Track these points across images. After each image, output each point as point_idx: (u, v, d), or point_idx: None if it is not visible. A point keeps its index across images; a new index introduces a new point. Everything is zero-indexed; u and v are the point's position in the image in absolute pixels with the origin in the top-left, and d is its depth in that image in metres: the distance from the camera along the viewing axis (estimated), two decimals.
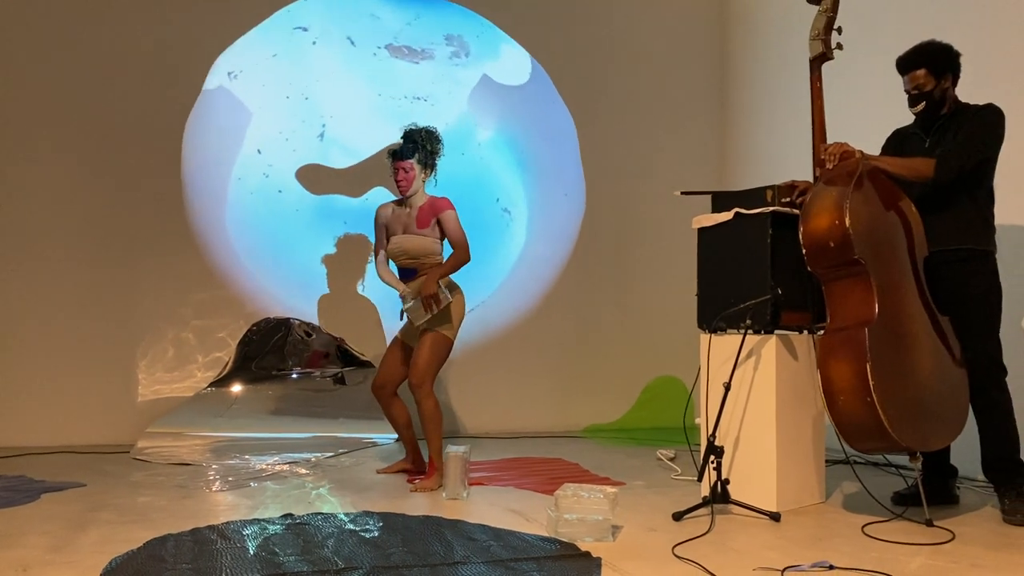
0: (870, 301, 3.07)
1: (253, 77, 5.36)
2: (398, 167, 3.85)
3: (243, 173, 5.32)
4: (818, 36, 3.46)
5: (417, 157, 3.84)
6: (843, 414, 3.02)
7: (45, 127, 5.02)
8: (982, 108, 3.25)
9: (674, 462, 4.40)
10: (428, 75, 5.67)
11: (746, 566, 2.50)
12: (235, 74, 5.32)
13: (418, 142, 3.85)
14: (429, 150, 3.87)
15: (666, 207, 5.73)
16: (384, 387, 3.96)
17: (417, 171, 3.85)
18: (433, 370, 3.78)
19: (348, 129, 5.51)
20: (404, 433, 4.04)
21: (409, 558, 2.53)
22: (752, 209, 3.39)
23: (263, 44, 5.39)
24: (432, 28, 5.70)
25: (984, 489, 3.63)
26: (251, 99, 5.36)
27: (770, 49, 5.84)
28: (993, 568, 2.52)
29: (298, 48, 5.45)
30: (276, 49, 5.40)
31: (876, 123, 3.86)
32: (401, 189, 3.87)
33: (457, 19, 5.77)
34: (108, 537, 2.79)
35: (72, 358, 4.99)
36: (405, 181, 3.85)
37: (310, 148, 5.46)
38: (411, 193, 3.88)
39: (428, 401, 3.75)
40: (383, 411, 4.06)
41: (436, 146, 3.91)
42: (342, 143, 5.51)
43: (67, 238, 5.03)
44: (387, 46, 5.59)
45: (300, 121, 5.43)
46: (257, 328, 5.22)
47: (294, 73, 5.43)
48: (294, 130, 5.42)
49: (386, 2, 5.64)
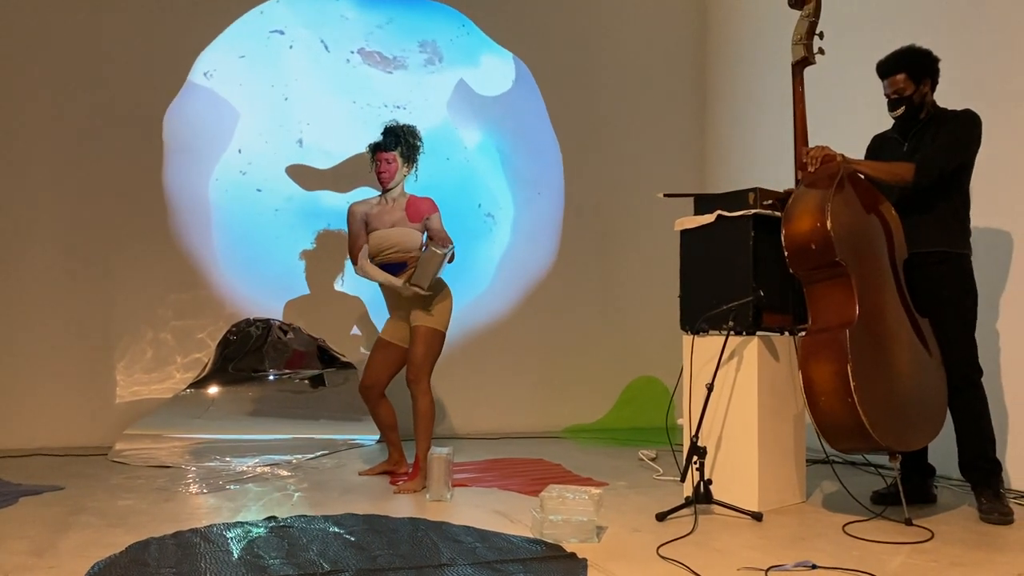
0: (851, 303, 3.10)
1: (232, 77, 5.32)
2: (380, 159, 3.85)
3: (222, 174, 5.28)
4: (800, 41, 3.50)
5: (399, 150, 3.85)
6: (824, 414, 3.05)
7: (22, 128, 4.94)
8: (960, 113, 3.30)
9: (655, 462, 4.42)
10: (405, 82, 5.65)
11: (730, 566, 2.52)
12: (211, 74, 5.27)
13: (400, 135, 3.85)
14: (410, 143, 3.88)
15: (648, 209, 5.78)
16: (372, 388, 3.93)
17: (399, 163, 3.85)
18: (429, 364, 3.77)
19: (325, 133, 5.49)
20: (389, 435, 4.03)
21: (395, 560, 2.53)
22: (734, 211, 3.42)
23: (238, 45, 5.35)
24: (406, 34, 5.68)
25: (961, 488, 3.69)
26: (231, 100, 5.32)
27: (750, 53, 5.88)
28: (972, 566, 2.56)
29: (274, 50, 5.42)
30: (247, 50, 5.35)
31: (857, 127, 3.92)
32: (383, 181, 3.86)
33: (430, 24, 5.74)
34: (89, 541, 2.76)
35: (49, 359, 4.93)
36: (387, 173, 3.84)
37: (290, 149, 5.43)
38: (392, 185, 3.87)
39: (425, 398, 3.74)
40: (370, 412, 4.04)
41: (416, 141, 3.91)
42: (320, 145, 5.49)
43: (44, 238, 4.96)
44: (359, 50, 5.55)
45: (278, 124, 5.40)
46: (237, 329, 5.18)
47: (275, 74, 5.39)
48: (272, 132, 5.38)
49: (358, 5, 5.62)
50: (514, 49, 5.92)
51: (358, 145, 5.40)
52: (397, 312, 3.93)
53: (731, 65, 6.11)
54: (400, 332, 3.87)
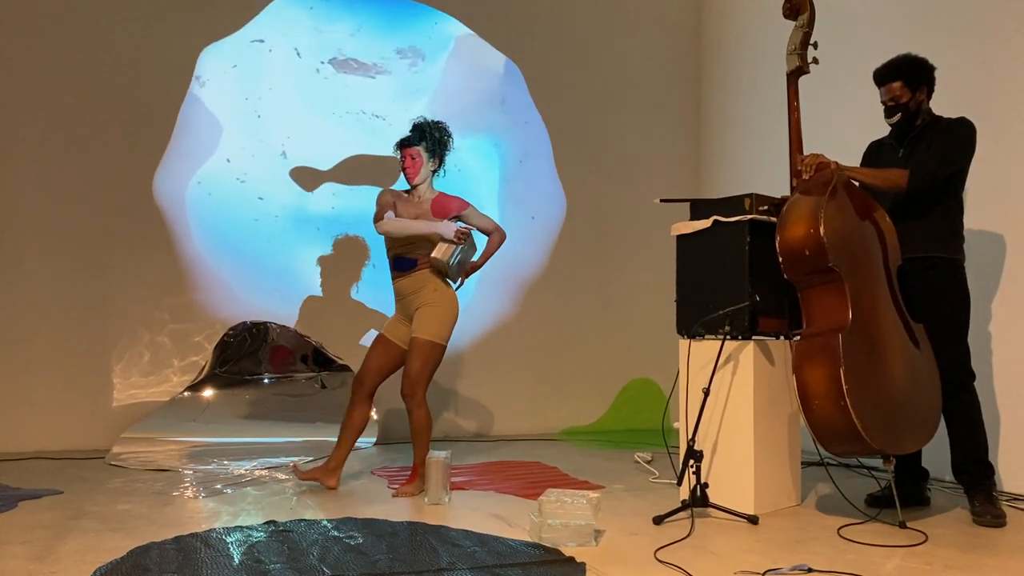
0: (844, 308, 3.13)
1: (227, 84, 5.33)
2: (405, 154, 3.78)
3: (219, 179, 5.29)
4: (795, 51, 3.53)
5: (424, 145, 3.77)
6: (818, 418, 3.08)
7: (18, 131, 4.95)
8: (955, 121, 3.34)
9: (651, 465, 4.45)
10: (388, 88, 5.67)
11: (727, 569, 2.55)
12: (205, 80, 5.28)
13: (425, 131, 3.79)
14: (437, 138, 3.79)
15: (644, 214, 5.81)
16: (364, 382, 3.78)
17: (424, 159, 3.77)
18: (425, 379, 3.69)
19: (312, 141, 5.52)
20: (348, 442, 3.81)
21: (395, 565, 2.55)
22: (730, 217, 3.44)
23: (233, 53, 5.36)
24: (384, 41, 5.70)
25: (954, 491, 3.72)
26: (227, 107, 5.33)
27: (745, 61, 5.92)
28: (966, 569, 2.60)
29: (264, 60, 5.43)
30: (239, 59, 5.37)
31: (851, 135, 3.95)
32: (408, 177, 3.79)
33: (408, 31, 5.77)
34: (90, 546, 2.77)
35: (46, 362, 4.93)
36: (412, 168, 3.77)
37: (290, 152, 5.44)
38: (418, 182, 3.79)
39: (420, 411, 3.69)
40: (349, 407, 3.81)
41: (444, 137, 3.82)
42: (317, 150, 5.51)
43: (41, 241, 4.96)
44: (331, 60, 5.55)
45: (265, 135, 5.40)
46: (234, 332, 5.19)
47: (267, 82, 5.41)
48: (261, 140, 5.39)
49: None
50: (509, 53, 5.94)
51: (350, 150, 5.47)
52: (403, 312, 3.82)
53: (726, 72, 6.15)
54: (402, 333, 3.80)
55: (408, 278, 3.75)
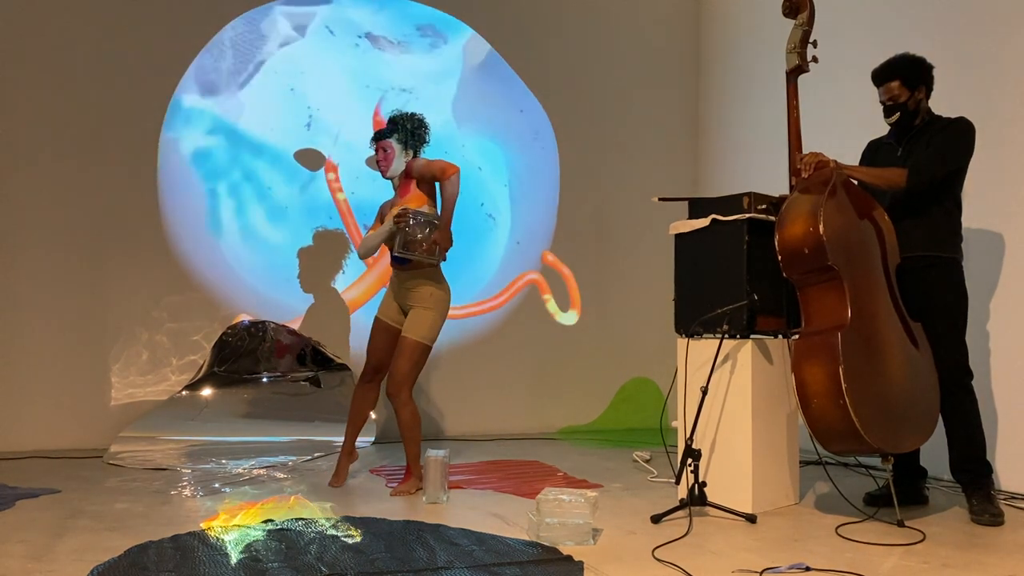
0: (843, 306, 3.13)
1: (230, 77, 5.32)
2: (377, 147, 3.81)
3: (218, 176, 5.28)
4: (794, 49, 3.53)
5: (396, 137, 3.79)
6: (817, 417, 3.08)
7: (17, 130, 4.93)
8: (954, 121, 3.34)
9: (649, 464, 4.45)
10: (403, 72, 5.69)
11: (725, 568, 2.55)
12: (207, 74, 5.28)
13: (398, 123, 3.81)
14: (410, 130, 3.81)
15: (643, 212, 5.81)
16: (380, 371, 3.85)
17: (397, 151, 3.78)
18: (411, 379, 3.71)
19: (328, 124, 5.52)
20: (355, 426, 3.89)
21: (393, 564, 2.55)
22: (729, 216, 3.44)
23: (232, 45, 5.35)
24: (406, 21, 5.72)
25: (952, 489, 3.72)
26: (228, 100, 5.32)
27: (745, 59, 5.92)
28: (963, 568, 2.60)
29: (269, 49, 5.44)
30: (239, 51, 5.37)
31: (850, 134, 3.95)
32: (381, 169, 3.82)
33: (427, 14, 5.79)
34: (87, 545, 2.76)
35: (44, 361, 4.92)
36: (384, 161, 3.79)
37: (289, 150, 5.43)
38: (391, 174, 3.81)
39: (405, 410, 3.70)
40: (356, 393, 3.87)
41: (419, 129, 3.84)
42: (318, 149, 5.51)
43: (39, 240, 4.95)
44: (366, 35, 5.57)
45: (271, 126, 5.40)
46: (232, 331, 5.19)
47: (276, 74, 5.41)
48: (272, 135, 5.39)
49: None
50: (507, 54, 5.93)
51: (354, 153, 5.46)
52: (398, 296, 3.84)
53: (725, 71, 6.15)
54: (395, 313, 3.83)
55: (405, 272, 3.79)
